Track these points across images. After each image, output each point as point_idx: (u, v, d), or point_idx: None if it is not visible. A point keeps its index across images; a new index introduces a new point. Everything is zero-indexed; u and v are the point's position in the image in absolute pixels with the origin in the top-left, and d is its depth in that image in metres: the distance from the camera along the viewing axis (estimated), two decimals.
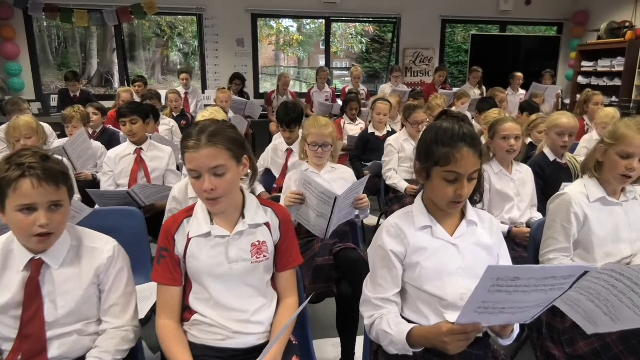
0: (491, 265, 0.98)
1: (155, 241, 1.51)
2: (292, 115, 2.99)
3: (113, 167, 2.73)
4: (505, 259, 1.37)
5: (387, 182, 3.31)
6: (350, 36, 10.54)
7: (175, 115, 4.83)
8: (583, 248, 1.67)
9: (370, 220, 4.31)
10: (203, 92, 6.52)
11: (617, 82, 6.45)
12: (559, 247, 1.67)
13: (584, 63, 7.05)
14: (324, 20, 7.14)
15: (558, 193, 1.70)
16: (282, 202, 2.28)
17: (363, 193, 2.21)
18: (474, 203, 1.37)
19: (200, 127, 1.27)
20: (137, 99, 5.12)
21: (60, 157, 1.40)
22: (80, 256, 1.29)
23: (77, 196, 2.60)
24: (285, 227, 1.43)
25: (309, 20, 9.27)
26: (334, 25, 9.38)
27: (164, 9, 6.31)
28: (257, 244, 1.36)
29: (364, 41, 10.25)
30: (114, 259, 1.32)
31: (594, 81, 6.88)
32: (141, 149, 2.77)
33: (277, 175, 3.09)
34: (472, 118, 5.27)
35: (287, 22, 10.21)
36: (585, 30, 7.32)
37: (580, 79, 7.11)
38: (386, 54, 8.85)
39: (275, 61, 12.67)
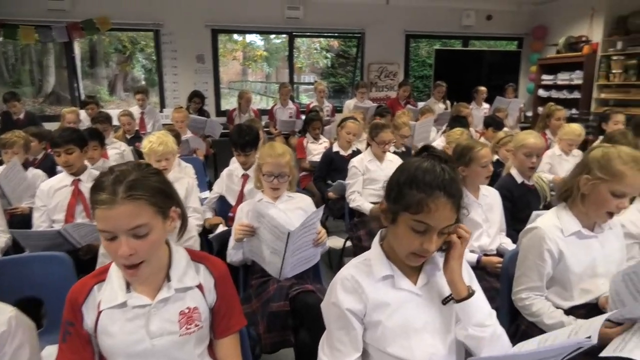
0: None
1: None
2: (247, 138, 2.79)
3: (46, 200, 2.44)
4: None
5: (350, 205, 3.15)
6: (314, 51, 10.48)
7: (128, 137, 4.55)
8: (560, 285, 1.54)
9: (336, 242, 4.14)
10: (161, 111, 6.23)
11: (577, 94, 6.56)
12: (531, 286, 1.54)
13: (544, 76, 7.16)
14: (287, 36, 7.00)
15: (530, 226, 1.56)
16: (232, 235, 2.08)
17: (327, 217, 2.03)
18: (439, 250, 1.20)
19: (115, 176, 1.02)
20: (87, 122, 4.82)
21: None
22: None
23: (6, 236, 2.31)
24: (222, 286, 1.21)
25: (273, 35, 9.15)
26: (299, 40, 9.29)
27: (118, 24, 6.02)
28: (186, 311, 1.14)
29: (329, 56, 10.19)
30: (11, 334, 1.07)
31: (554, 94, 6.99)
32: (79, 179, 2.51)
33: (232, 203, 2.88)
34: (438, 132, 5.25)
35: (251, 37, 10.06)
36: (545, 45, 7.46)
37: (541, 92, 7.22)
38: (351, 69, 8.80)
39: (242, 76, 12.48)
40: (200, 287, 1.18)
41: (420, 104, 6.40)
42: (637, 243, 1.78)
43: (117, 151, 3.91)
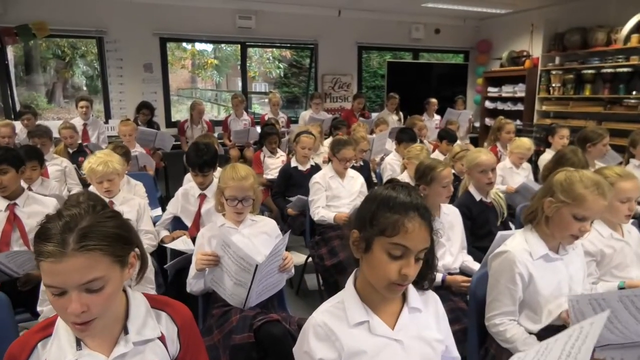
0: None
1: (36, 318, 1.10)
2: (205, 158, 2.65)
3: None
4: (453, 349, 1.20)
5: (315, 219, 3.06)
6: (267, 61, 10.37)
7: (71, 151, 4.25)
8: (529, 309, 1.55)
9: (297, 258, 4.05)
10: (106, 122, 5.90)
11: (520, 106, 6.89)
12: (505, 311, 1.54)
13: (489, 89, 7.47)
14: (239, 45, 6.87)
15: (500, 250, 1.56)
16: (193, 263, 1.95)
17: (289, 232, 1.95)
18: (420, 289, 1.16)
19: (65, 222, 0.88)
20: (24, 134, 4.46)
21: None
22: None
23: None
24: (186, 334, 1.10)
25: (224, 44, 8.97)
26: (251, 50, 9.15)
27: (58, 31, 5.64)
28: None
29: (282, 66, 10.13)
30: None
31: (500, 106, 7.31)
32: (15, 204, 2.27)
33: (188, 224, 2.73)
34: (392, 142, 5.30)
35: (201, 45, 9.81)
36: (489, 58, 7.79)
37: (488, 104, 7.53)
38: (304, 79, 8.78)
39: (191, 83, 12.13)
40: (162, 338, 1.06)
41: (374, 115, 6.47)
42: (594, 260, 1.84)
43: (57, 168, 3.63)
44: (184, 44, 9.33)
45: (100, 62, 6.03)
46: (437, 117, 6.44)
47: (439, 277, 2.12)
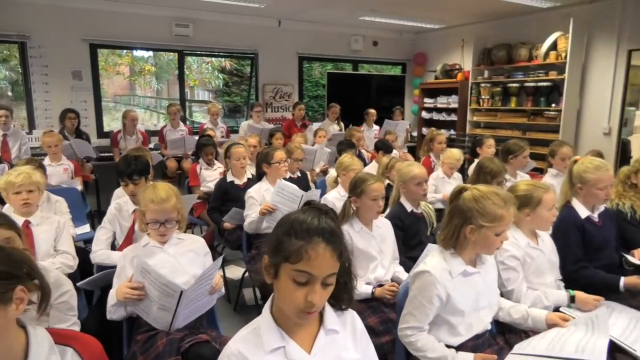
0: None
1: None
2: (134, 166, 2.54)
3: None
4: None
5: (247, 229, 3.01)
6: (206, 71, 10.16)
7: None
8: (449, 324, 1.61)
9: (234, 272, 3.99)
10: (30, 132, 5.51)
11: (454, 117, 7.23)
12: (416, 325, 1.60)
13: (425, 99, 7.78)
14: (176, 54, 6.69)
15: (421, 270, 1.61)
16: (113, 288, 1.85)
17: (224, 247, 1.90)
18: (339, 309, 1.17)
19: None
20: None
21: None
22: None
23: None
24: None
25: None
26: (190, 59, 8.93)
27: None
28: None
29: (221, 76, 9.96)
30: None
31: (435, 116, 7.62)
32: None
33: (119, 241, 2.58)
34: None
35: (139, 51, 9.44)
36: (425, 71, 8.12)
37: (424, 114, 7.83)
38: (246, 88, 8.70)
39: (130, 90, 11.64)
40: None
41: (316, 125, 6.52)
42: (520, 264, 1.95)
43: None
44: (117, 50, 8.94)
45: (23, 68, 5.64)
46: (375, 127, 6.60)
47: (368, 289, 2.15)
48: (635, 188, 2.57)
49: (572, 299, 1.92)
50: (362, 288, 2.14)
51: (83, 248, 3.34)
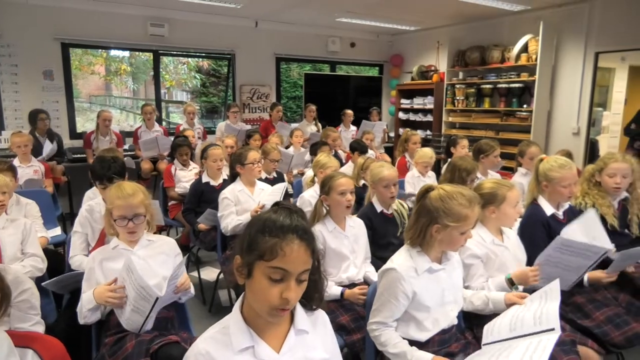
0: None
1: None
2: (112, 168, 2.51)
3: None
4: None
5: (228, 229, 2.95)
6: (182, 72, 10.06)
7: None
8: (416, 320, 1.64)
9: (209, 273, 3.97)
10: None
11: (430, 117, 7.33)
12: (382, 321, 1.64)
13: (402, 100, 7.87)
14: (152, 53, 6.61)
15: (388, 267, 1.64)
16: (88, 293, 1.82)
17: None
18: (309, 309, 1.18)
19: None
20: None
21: None
22: None
23: None
24: None
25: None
26: (166, 59, 8.83)
27: None
28: None
29: (199, 77, 9.87)
30: None
31: (412, 117, 7.72)
32: None
33: (92, 243, 2.52)
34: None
35: (115, 51, 9.29)
36: (402, 72, 8.21)
37: (401, 115, 7.92)
38: (223, 88, 8.65)
39: (106, 90, 11.44)
40: None
41: (294, 125, 6.53)
42: (481, 262, 2.00)
43: None
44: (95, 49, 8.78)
45: None
46: (353, 128, 6.64)
47: (338, 290, 2.17)
48: (599, 186, 2.61)
49: (511, 282, 1.92)
50: (332, 289, 2.16)
51: (54, 251, 3.29)
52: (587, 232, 2.04)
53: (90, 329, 1.94)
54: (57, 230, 3.55)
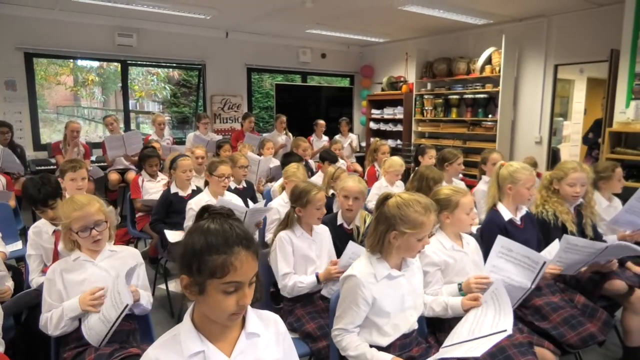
0: None
1: None
2: (44, 191, 2.39)
3: None
4: None
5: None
6: (151, 82, 9.95)
7: None
8: (376, 326, 1.68)
9: (178, 286, 3.89)
10: None
11: (400, 127, 7.46)
12: (343, 327, 1.67)
13: (373, 111, 7.99)
14: (119, 64, 6.53)
15: (349, 273, 1.68)
16: (67, 303, 1.78)
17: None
18: (254, 302, 1.20)
19: None
20: None
21: None
22: None
23: None
24: None
25: None
26: (135, 70, 8.71)
27: None
28: None
29: (169, 87, 9.78)
30: None
31: (383, 127, 7.84)
32: None
33: (47, 262, 2.44)
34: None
35: (83, 61, 9.12)
36: (372, 83, 8.36)
37: (372, 125, 8.03)
38: (194, 98, 8.60)
39: (75, 101, 11.19)
40: None
41: (265, 135, 6.54)
42: (439, 269, 2.05)
43: None
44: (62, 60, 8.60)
45: None
46: (325, 137, 6.70)
47: (312, 277, 2.23)
48: (558, 194, 2.67)
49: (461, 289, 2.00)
50: (307, 279, 2.21)
51: (16, 267, 3.18)
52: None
53: (49, 343, 1.89)
54: (19, 245, 3.43)
